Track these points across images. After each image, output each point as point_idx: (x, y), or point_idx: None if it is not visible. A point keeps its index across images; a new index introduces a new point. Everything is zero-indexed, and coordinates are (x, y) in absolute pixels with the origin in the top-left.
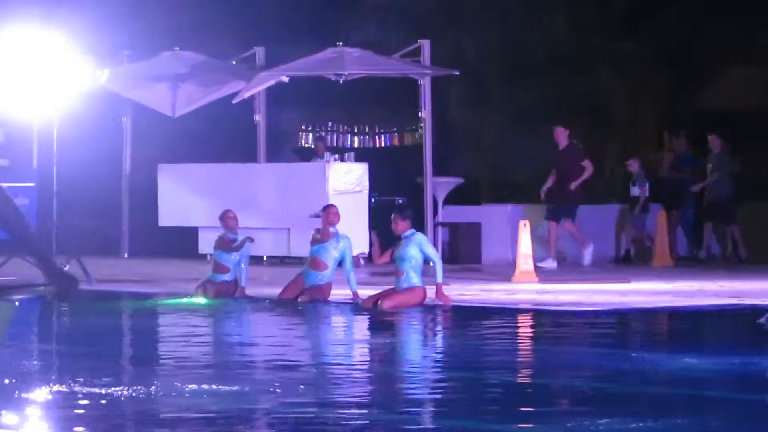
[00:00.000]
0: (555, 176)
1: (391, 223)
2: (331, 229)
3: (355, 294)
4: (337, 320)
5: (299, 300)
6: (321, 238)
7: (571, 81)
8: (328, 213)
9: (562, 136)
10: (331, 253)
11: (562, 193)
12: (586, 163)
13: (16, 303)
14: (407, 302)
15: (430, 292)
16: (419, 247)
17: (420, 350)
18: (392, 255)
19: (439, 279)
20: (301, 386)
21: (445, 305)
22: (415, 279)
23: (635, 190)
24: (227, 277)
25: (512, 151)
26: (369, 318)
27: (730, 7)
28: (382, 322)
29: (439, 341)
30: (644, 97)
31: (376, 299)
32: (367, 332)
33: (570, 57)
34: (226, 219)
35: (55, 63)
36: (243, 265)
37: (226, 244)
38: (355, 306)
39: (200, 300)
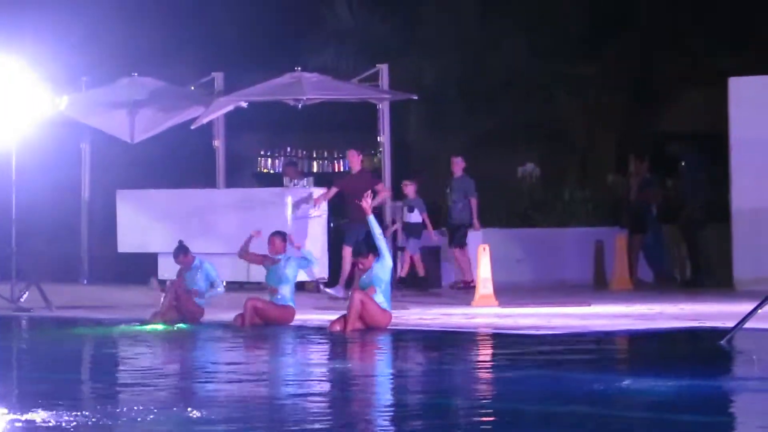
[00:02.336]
0: (349, 201)
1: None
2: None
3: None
4: (297, 345)
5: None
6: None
7: (530, 105)
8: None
9: (355, 160)
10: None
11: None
12: (380, 187)
13: None
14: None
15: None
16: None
17: (376, 374)
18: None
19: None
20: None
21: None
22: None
23: (412, 216)
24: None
25: (470, 174)
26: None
27: (684, 32)
28: (338, 346)
29: (397, 365)
30: (602, 121)
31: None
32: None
33: (528, 81)
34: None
35: (13, 89)
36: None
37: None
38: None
39: (158, 326)
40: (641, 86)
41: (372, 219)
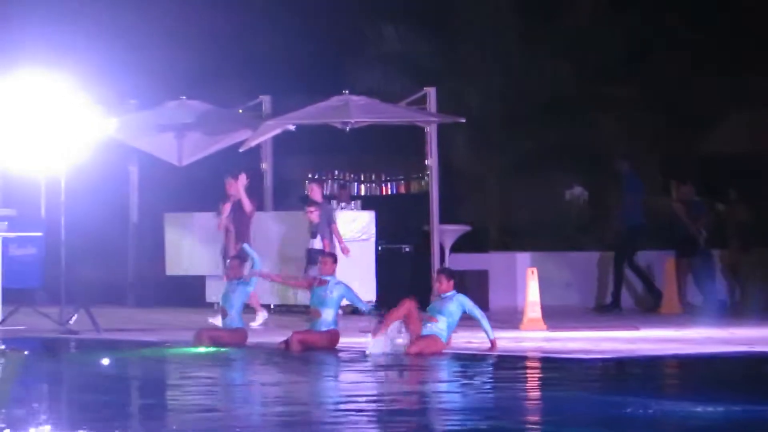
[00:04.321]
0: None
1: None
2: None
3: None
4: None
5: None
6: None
7: (573, 128)
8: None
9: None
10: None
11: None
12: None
13: (25, 353)
14: (429, 349)
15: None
16: (461, 306)
17: (423, 398)
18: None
19: (491, 335)
20: None
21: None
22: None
23: (314, 243)
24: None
25: (517, 198)
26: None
27: (728, 54)
28: (395, 369)
29: (445, 389)
30: (645, 143)
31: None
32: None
33: (571, 104)
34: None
35: (63, 112)
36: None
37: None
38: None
39: (203, 349)
40: (684, 108)
41: None
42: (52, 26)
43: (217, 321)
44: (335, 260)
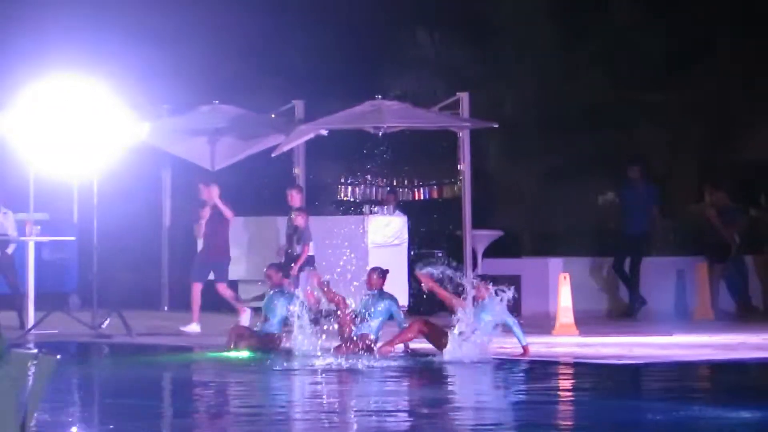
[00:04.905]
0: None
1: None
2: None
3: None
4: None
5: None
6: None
7: (609, 134)
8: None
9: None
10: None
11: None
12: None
13: (58, 357)
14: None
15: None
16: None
17: (460, 404)
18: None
19: (523, 342)
20: None
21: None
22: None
23: (299, 248)
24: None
25: (550, 204)
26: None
27: (763, 60)
28: (425, 375)
29: (479, 395)
30: (681, 149)
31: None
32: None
33: (607, 110)
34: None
35: (96, 117)
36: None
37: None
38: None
39: (240, 353)
40: (721, 114)
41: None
42: (85, 31)
43: (244, 320)
44: (381, 275)
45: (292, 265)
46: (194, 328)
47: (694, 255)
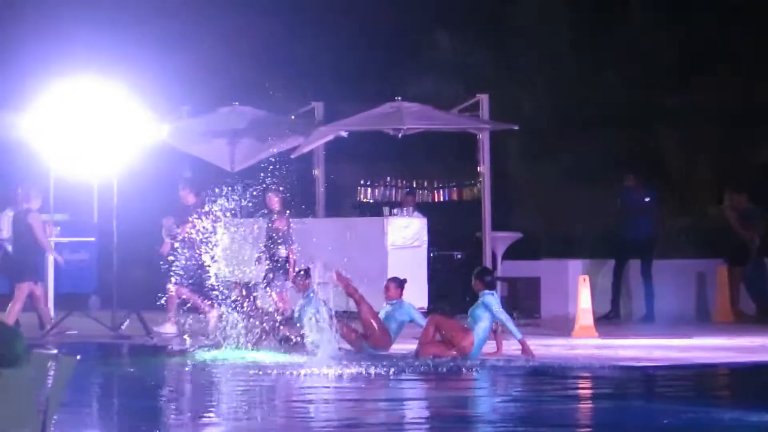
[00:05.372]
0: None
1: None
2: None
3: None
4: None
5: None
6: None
7: (626, 136)
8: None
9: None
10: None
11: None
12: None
13: (77, 357)
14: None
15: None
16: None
17: (480, 407)
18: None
19: (518, 336)
20: None
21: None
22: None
23: (281, 251)
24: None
25: (569, 206)
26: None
27: None
28: (446, 378)
29: (497, 397)
30: (698, 152)
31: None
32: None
33: (625, 112)
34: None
35: (116, 118)
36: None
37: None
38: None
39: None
40: (739, 116)
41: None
42: (106, 33)
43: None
44: (399, 285)
45: (290, 271)
46: (169, 329)
47: (714, 257)
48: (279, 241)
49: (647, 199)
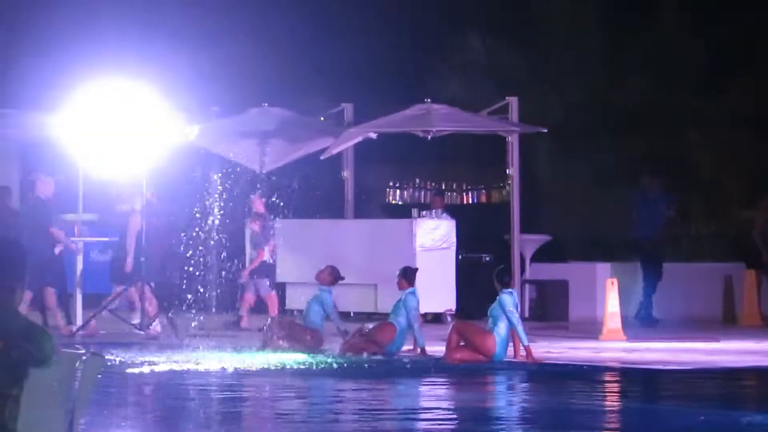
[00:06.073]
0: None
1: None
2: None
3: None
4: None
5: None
6: None
7: (656, 139)
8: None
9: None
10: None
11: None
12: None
13: (105, 357)
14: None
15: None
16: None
17: (506, 409)
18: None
19: (525, 342)
20: None
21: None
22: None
23: (254, 253)
24: None
25: (598, 209)
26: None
27: None
28: (463, 379)
29: (525, 400)
30: (728, 155)
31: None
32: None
33: (654, 115)
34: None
35: (145, 119)
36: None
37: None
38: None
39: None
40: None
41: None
42: (135, 33)
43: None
44: (403, 275)
45: (248, 267)
46: (155, 327)
47: (742, 261)
48: (252, 242)
49: (659, 201)
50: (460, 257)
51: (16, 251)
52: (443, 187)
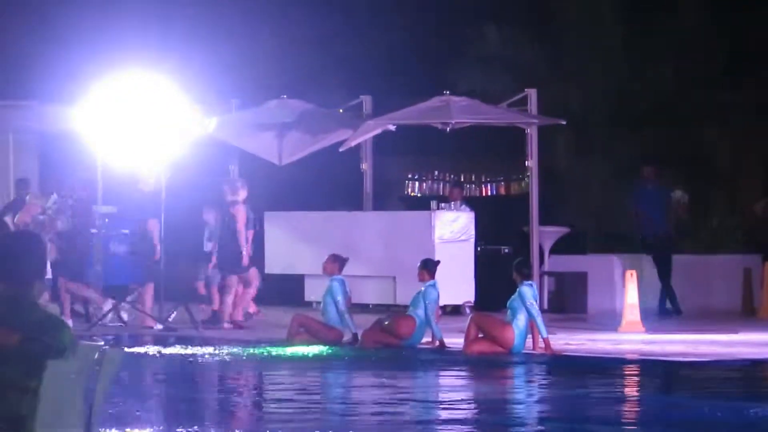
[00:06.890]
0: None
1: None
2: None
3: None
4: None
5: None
6: None
7: (676, 132)
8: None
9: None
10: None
11: None
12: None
13: (124, 349)
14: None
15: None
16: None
17: (524, 401)
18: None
19: (544, 334)
20: None
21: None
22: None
23: (209, 245)
24: None
25: (617, 201)
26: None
27: None
28: (483, 371)
29: (544, 392)
30: (748, 148)
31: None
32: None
33: (674, 108)
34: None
35: (164, 111)
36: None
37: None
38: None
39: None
40: None
41: None
42: (153, 26)
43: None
44: (423, 266)
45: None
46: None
47: (760, 253)
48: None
49: (661, 194)
50: (478, 249)
51: (34, 245)
52: (462, 179)
